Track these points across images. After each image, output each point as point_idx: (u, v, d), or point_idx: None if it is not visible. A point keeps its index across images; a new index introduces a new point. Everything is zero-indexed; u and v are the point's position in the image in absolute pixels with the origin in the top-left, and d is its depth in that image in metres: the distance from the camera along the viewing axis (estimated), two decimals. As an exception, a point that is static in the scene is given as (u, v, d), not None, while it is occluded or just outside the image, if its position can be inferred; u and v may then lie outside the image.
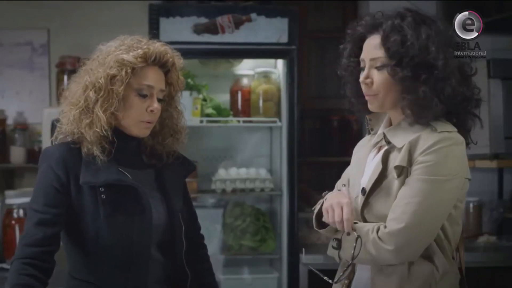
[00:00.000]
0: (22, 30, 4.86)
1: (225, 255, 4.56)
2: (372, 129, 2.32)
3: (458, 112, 2.16)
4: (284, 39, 4.34)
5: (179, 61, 2.30)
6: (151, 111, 2.21)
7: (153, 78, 2.22)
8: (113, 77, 2.15)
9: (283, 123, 4.47)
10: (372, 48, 2.15)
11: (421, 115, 2.11)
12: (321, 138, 5.01)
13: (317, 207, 2.30)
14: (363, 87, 2.19)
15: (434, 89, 2.08)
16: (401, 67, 2.09)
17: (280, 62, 4.60)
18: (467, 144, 2.20)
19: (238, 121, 4.59)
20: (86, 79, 2.19)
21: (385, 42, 2.12)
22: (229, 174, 4.56)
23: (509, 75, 4.09)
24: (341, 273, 2.19)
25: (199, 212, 2.53)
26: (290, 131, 4.40)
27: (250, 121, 4.62)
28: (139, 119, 2.21)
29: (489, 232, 4.58)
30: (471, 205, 4.66)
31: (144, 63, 2.20)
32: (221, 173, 4.57)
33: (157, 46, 2.24)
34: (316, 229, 2.29)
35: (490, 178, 4.81)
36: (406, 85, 2.10)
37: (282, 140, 4.49)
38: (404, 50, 2.08)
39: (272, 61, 4.70)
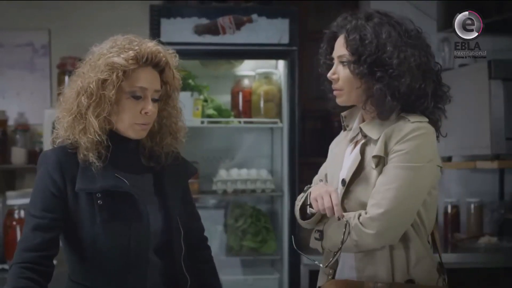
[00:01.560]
0: (23, 31, 4.87)
1: (226, 256, 4.56)
2: (347, 126, 2.42)
3: (426, 107, 2.24)
4: (285, 40, 4.34)
5: (173, 60, 2.26)
6: (146, 113, 2.18)
7: (147, 79, 2.18)
8: (104, 81, 2.12)
9: (284, 124, 4.47)
10: (340, 46, 2.29)
11: (379, 110, 2.23)
12: (322, 139, 5.00)
13: (299, 202, 2.38)
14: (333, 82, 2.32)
15: (388, 87, 2.18)
16: (359, 64, 2.21)
17: (281, 63, 4.60)
18: (437, 137, 2.29)
19: (239, 122, 4.59)
20: (78, 84, 2.16)
21: (347, 40, 2.25)
22: (230, 175, 4.55)
23: (510, 76, 4.09)
24: (331, 258, 2.24)
25: (200, 213, 2.52)
26: (291, 132, 4.40)
27: (251, 122, 4.62)
28: (133, 122, 2.18)
29: (490, 233, 4.58)
30: (472, 206, 4.65)
31: (136, 64, 2.16)
32: (222, 174, 4.57)
33: (148, 46, 2.19)
34: (300, 221, 2.37)
35: (491, 179, 4.81)
36: (364, 82, 2.23)
37: (283, 141, 4.49)
38: (362, 48, 2.21)
39: (273, 62, 4.70)
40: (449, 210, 4.64)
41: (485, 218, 4.69)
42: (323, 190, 2.19)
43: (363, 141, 2.27)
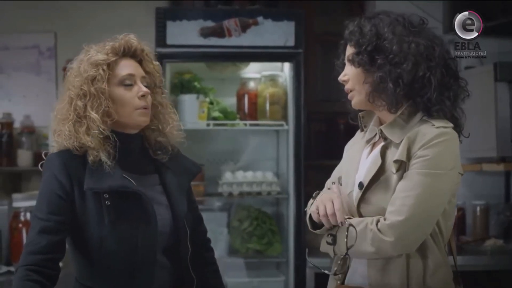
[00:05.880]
0: (29, 33, 4.88)
1: (231, 258, 4.56)
2: (365, 126, 2.36)
3: (429, 98, 2.17)
4: (291, 42, 4.34)
5: (148, 48, 2.34)
6: (142, 95, 2.23)
7: (131, 66, 2.26)
8: (93, 79, 2.18)
9: (290, 126, 4.47)
10: (348, 48, 2.26)
11: (385, 101, 2.18)
12: (328, 141, 5.00)
13: (309, 209, 2.33)
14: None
15: (389, 74, 2.14)
16: (360, 54, 2.18)
17: (286, 65, 4.60)
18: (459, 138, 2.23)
19: (245, 124, 4.60)
20: (69, 93, 2.21)
21: (348, 35, 2.24)
22: (236, 178, 4.56)
23: (515, 78, 4.09)
24: (339, 266, 2.21)
25: (205, 215, 2.52)
26: (297, 134, 4.41)
27: (257, 124, 4.63)
28: (133, 108, 2.23)
29: (496, 236, 4.57)
30: (478, 208, 4.64)
31: (116, 56, 2.24)
32: (228, 176, 4.57)
33: (122, 38, 2.28)
34: (311, 230, 2.31)
35: (497, 181, 4.80)
36: (367, 72, 2.18)
37: (288, 143, 4.49)
38: (362, 38, 2.18)
39: (278, 64, 4.70)
40: (455, 212, 4.62)
41: (491, 221, 4.69)
42: (325, 198, 2.16)
43: (382, 143, 2.21)
